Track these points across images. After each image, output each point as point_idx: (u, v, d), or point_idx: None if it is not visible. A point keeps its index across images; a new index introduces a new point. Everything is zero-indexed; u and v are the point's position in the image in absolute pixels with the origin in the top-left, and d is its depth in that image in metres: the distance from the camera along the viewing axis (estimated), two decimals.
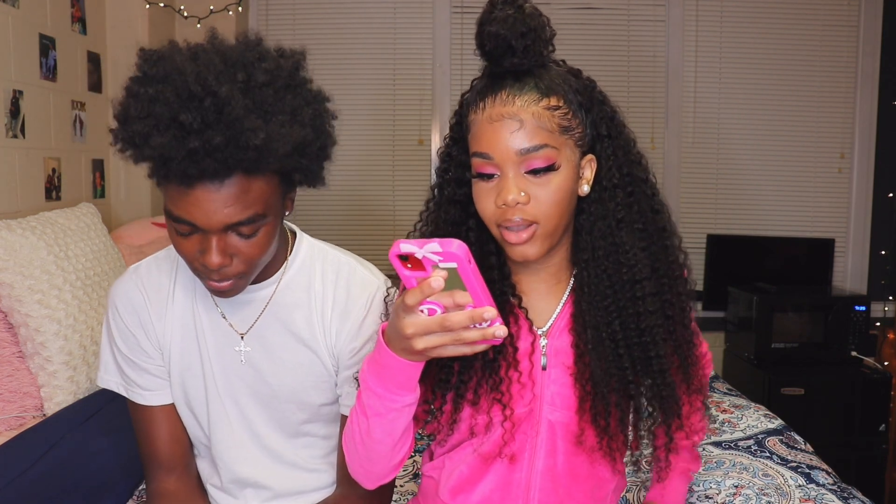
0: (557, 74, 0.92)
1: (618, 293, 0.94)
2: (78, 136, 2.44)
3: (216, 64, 0.88)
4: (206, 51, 0.91)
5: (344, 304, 1.10)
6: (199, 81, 0.85)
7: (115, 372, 1.15)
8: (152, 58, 0.90)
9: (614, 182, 0.95)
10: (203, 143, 0.84)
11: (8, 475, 1.28)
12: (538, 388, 0.98)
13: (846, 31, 3.10)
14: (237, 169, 0.89)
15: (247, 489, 1.16)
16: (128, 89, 0.90)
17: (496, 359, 0.95)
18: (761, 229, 3.14)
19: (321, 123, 0.98)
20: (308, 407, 1.13)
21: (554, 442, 0.99)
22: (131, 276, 1.13)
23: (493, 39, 0.87)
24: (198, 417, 1.15)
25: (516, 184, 0.88)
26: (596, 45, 3.09)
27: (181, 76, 0.85)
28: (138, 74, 0.90)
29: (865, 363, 2.76)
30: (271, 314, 1.10)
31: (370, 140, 3.13)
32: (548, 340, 0.99)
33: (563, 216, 0.92)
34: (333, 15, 3.12)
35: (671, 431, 0.98)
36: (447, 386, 0.95)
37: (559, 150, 0.89)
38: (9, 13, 2.04)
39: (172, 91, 0.85)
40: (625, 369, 0.94)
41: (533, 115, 0.88)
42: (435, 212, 1.00)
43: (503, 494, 1.00)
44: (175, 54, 0.89)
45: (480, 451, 1.00)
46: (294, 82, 0.95)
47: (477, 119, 0.91)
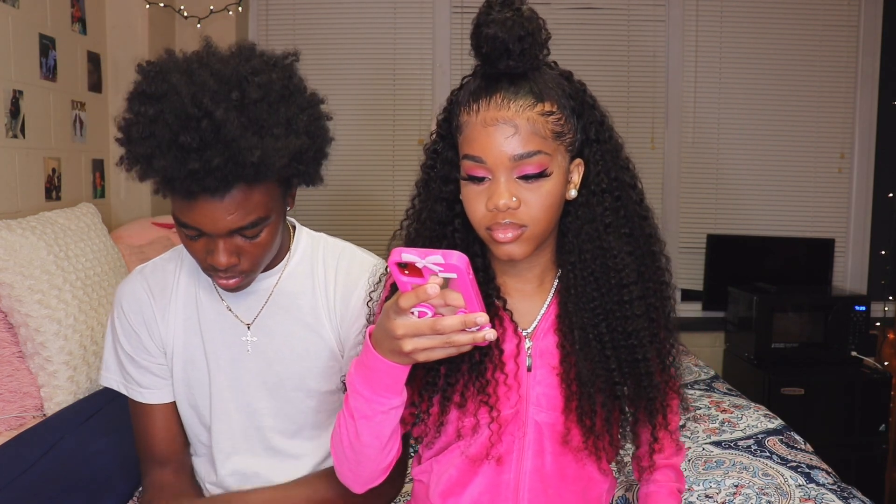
0: (551, 79, 0.91)
1: (605, 296, 0.95)
2: (78, 136, 2.44)
3: (210, 84, 0.92)
4: (200, 66, 0.94)
5: (345, 285, 1.13)
6: (195, 103, 0.89)
7: (117, 371, 1.18)
8: (150, 73, 0.94)
9: (602, 187, 0.95)
10: (203, 164, 0.90)
11: (8, 475, 1.28)
12: (524, 390, 0.98)
13: (846, 31, 3.10)
14: (237, 183, 0.94)
15: (247, 483, 1.17)
16: (129, 107, 0.94)
17: (482, 361, 0.95)
18: (761, 229, 3.14)
19: (316, 128, 1.02)
20: (315, 395, 1.15)
21: (541, 443, 0.99)
22: (136, 277, 1.17)
23: (490, 41, 0.86)
24: (200, 412, 1.17)
25: (508, 188, 0.88)
26: (596, 45, 3.08)
27: (178, 97, 0.90)
28: (138, 91, 0.94)
29: (865, 363, 2.76)
30: (276, 303, 1.13)
31: (370, 140, 3.13)
32: (532, 342, 0.99)
33: (552, 220, 0.93)
34: (333, 15, 3.12)
35: (656, 432, 0.99)
36: (434, 388, 0.95)
37: (551, 157, 0.89)
38: (9, 13, 2.04)
39: (171, 112, 0.90)
40: (611, 370, 0.95)
41: (528, 120, 0.87)
42: (420, 209, 1.00)
43: (492, 497, 1.00)
44: (172, 71, 0.93)
45: (468, 453, 1.00)
46: (287, 92, 0.99)
47: (470, 121, 0.90)
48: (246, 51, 0.99)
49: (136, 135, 0.92)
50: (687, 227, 3.19)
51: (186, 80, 0.92)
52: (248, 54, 0.98)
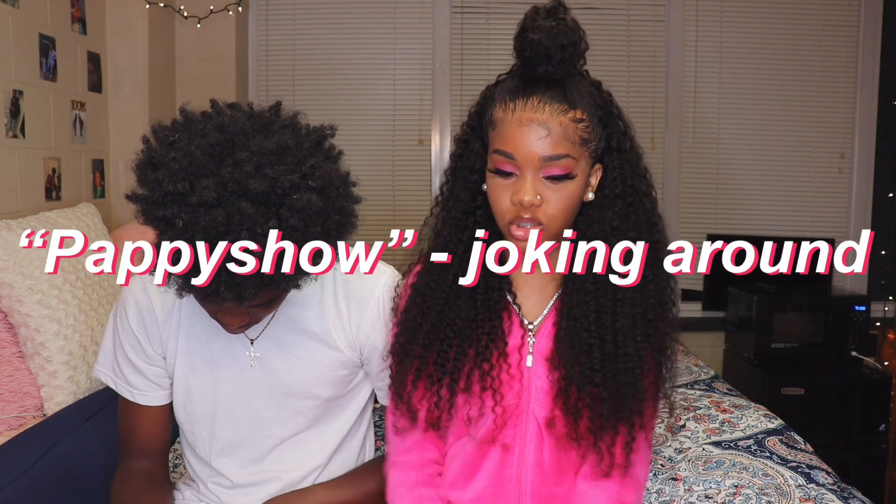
0: (584, 87, 0.96)
1: (600, 298, 0.98)
2: (78, 136, 2.44)
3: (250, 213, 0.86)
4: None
5: (358, 294, 1.13)
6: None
7: (109, 364, 1.18)
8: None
9: (616, 192, 0.99)
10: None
11: (8, 475, 1.28)
12: (526, 381, 1.03)
13: (846, 31, 3.10)
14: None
15: (258, 485, 1.17)
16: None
17: (489, 346, 1.01)
18: (761, 229, 3.14)
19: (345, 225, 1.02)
20: (324, 401, 1.16)
21: (541, 436, 1.04)
22: (142, 281, 1.15)
23: (533, 46, 0.91)
24: (199, 421, 1.16)
25: (533, 186, 0.93)
26: (596, 45, 3.04)
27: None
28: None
29: (865, 363, 2.76)
30: (283, 314, 1.12)
31: (370, 140, 3.13)
32: (535, 339, 1.04)
33: (567, 220, 0.98)
34: (333, 15, 3.12)
35: (633, 431, 1.00)
36: (443, 371, 1.01)
37: (577, 161, 0.94)
38: (9, 13, 2.04)
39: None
40: (594, 360, 0.98)
41: (560, 124, 0.92)
42: (447, 197, 1.05)
43: (497, 489, 1.05)
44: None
45: (476, 437, 1.05)
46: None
47: (505, 119, 0.94)
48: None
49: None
50: (687, 227, 3.19)
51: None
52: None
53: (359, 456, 1.25)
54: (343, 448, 1.21)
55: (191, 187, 0.86)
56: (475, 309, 1.02)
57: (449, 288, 1.03)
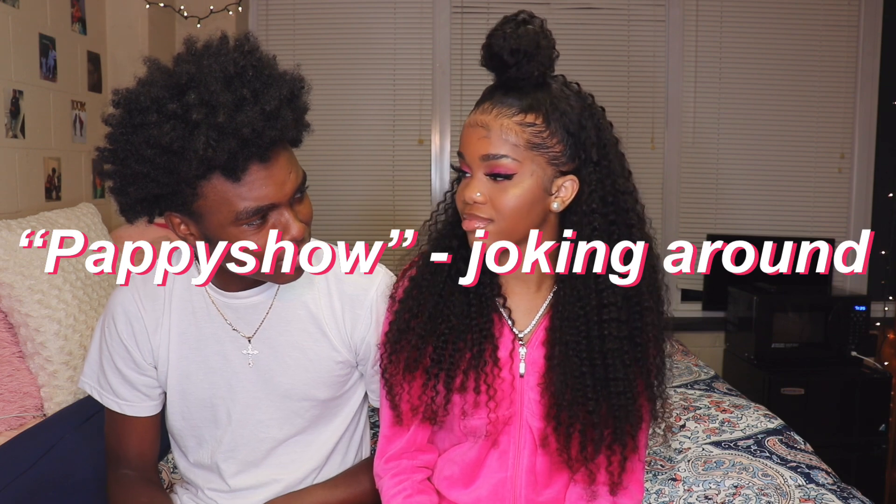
0: (549, 95, 0.96)
1: (588, 314, 0.99)
2: (78, 136, 2.44)
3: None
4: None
5: (352, 294, 1.13)
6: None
7: (94, 376, 1.16)
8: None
9: (592, 207, 0.99)
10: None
11: (8, 475, 1.28)
12: (519, 389, 1.04)
13: (846, 31, 3.10)
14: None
15: (257, 489, 1.17)
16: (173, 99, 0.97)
17: (482, 355, 1.02)
18: (761, 229, 3.14)
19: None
20: (320, 403, 1.15)
21: (534, 444, 1.05)
22: (128, 288, 1.14)
23: (488, 52, 0.94)
24: (197, 426, 1.16)
25: (477, 185, 0.97)
26: (596, 45, 3.08)
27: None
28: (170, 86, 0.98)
29: (865, 363, 2.76)
30: (276, 315, 1.12)
31: (370, 140, 3.13)
32: (526, 349, 1.05)
33: (520, 222, 0.98)
34: (333, 15, 3.12)
35: (626, 451, 1.01)
36: (440, 367, 1.03)
37: (521, 163, 0.95)
38: (9, 13, 2.04)
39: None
40: (586, 387, 0.98)
41: (501, 126, 0.95)
42: (449, 202, 1.10)
43: (493, 493, 1.07)
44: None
45: (469, 429, 1.07)
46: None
47: (467, 121, 1.00)
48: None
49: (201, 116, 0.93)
50: (687, 227, 3.19)
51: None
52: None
53: (356, 457, 1.25)
54: (340, 449, 1.21)
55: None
56: (468, 305, 1.04)
57: (443, 284, 1.05)
